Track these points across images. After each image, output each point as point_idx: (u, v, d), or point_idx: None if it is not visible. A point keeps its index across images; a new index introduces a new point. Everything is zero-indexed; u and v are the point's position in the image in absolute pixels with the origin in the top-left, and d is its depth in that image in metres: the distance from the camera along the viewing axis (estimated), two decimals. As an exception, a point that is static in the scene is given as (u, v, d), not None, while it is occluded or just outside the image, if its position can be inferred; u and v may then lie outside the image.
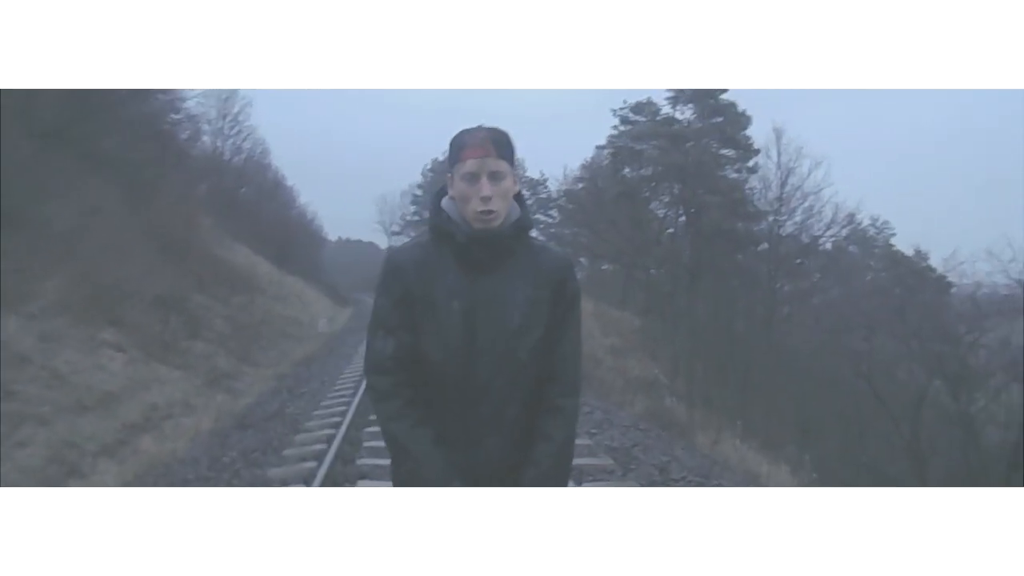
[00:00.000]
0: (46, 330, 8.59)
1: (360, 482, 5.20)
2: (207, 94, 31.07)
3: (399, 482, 1.77)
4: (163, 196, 20.06)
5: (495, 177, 1.70)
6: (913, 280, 28.97)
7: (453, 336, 1.73)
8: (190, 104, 27.92)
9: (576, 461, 2.32)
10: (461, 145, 1.73)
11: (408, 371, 1.76)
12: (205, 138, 33.56)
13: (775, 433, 14.28)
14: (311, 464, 5.74)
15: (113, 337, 10.28)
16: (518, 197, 1.81)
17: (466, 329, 1.73)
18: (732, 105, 30.76)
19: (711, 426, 11.10)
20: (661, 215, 32.01)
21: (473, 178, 1.70)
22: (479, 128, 1.77)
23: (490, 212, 1.70)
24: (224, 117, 34.20)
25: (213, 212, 26.13)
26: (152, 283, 13.99)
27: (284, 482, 5.42)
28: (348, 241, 69.95)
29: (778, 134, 26.08)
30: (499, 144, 1.73)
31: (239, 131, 35.33)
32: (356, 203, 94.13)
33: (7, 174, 11.39)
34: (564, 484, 1.80)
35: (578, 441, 2.04)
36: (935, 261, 28.34)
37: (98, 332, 10.07)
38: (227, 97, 33.51)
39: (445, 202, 1.80)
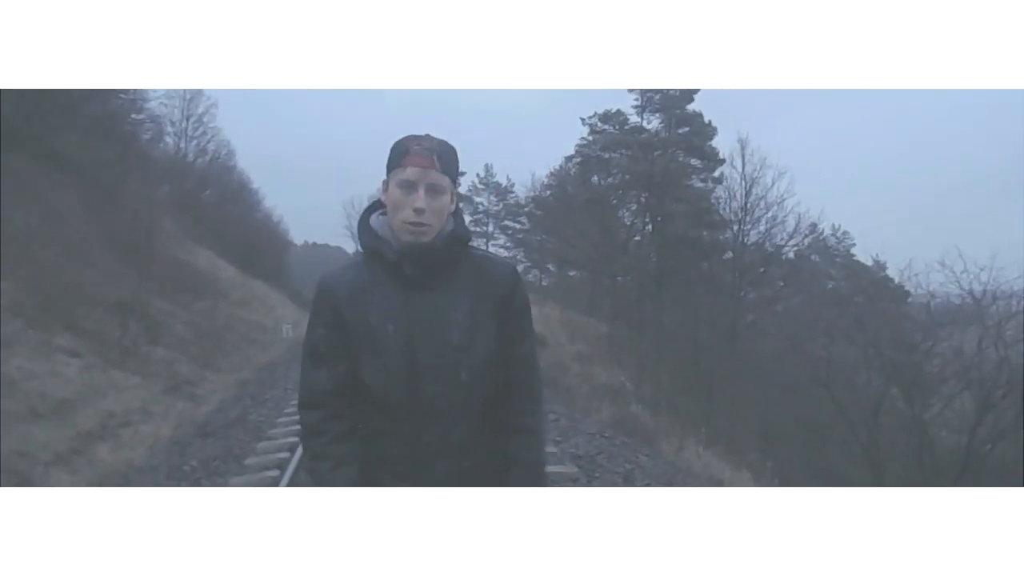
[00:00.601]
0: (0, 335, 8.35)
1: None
2: (171, 94, 30.75)
3: None
4: (124, 198, 19.69)
5: (433, 191, 1.60)
6: (873, 289, 29.70)
7: (391, 360, 1.63)
8: (153, 104, 27.52)
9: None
10: (404, 151, 1.62)
11: (342, 402, 1.68)
12: (168, 139, 33.11)
13: (738, 439, 14.47)
14: (274, 473, 5.67)
15: (69, 343, 10.03)
16: (455, 212, 1.71)
17: (404, 352, 1.63)
18: (699, 115, 31.29)
19: (675, 433, 11.19)
20: (628, 223, 32.35)
21: (410, 187, 1.60)
22: (427, 137, 1.66)
23: (421, 225, 1.60)
24: (188, 118, 33.80)
25: (176, 215, 25.72)
26: (111, 287, 13.71)
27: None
28: (315, 245, 69.35)
29: (743, 144, 26.50)
30: (444, 158, 1.63)
31: (203, 132, 34.94)
32: (324, 207, 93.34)
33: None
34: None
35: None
36: (892, 271, 29.10)
37: (53, 337, 9.82)
38: (191, 98, 33.14)
39: (374, 219, 1.71)
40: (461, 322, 1.63)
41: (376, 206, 1.73)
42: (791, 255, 29.63)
